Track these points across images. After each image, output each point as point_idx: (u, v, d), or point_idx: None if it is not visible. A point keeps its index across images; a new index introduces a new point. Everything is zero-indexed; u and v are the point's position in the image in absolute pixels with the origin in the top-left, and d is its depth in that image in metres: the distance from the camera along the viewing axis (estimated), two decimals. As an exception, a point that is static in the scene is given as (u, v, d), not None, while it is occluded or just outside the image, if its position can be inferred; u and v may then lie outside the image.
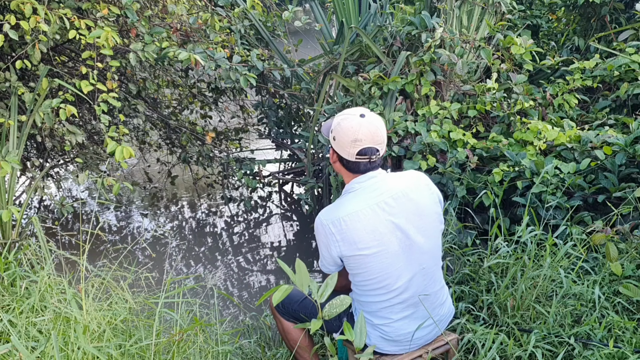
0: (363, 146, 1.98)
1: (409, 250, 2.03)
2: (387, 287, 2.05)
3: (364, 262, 2.01)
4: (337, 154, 2.07)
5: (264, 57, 4.60)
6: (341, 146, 2.02)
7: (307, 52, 6.20)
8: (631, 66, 3.87)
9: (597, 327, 2.25)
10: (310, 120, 5.08)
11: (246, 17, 4.91)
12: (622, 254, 2.58)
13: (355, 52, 4.75)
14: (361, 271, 2.04)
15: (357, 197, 2.02)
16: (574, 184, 2.99)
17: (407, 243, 2.02)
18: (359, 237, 1.97)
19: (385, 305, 2.08)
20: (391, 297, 2.06)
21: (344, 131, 2.00)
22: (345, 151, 2.01)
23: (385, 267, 2.01)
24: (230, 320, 3.38)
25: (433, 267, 2.12)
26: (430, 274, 2.11)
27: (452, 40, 4.03)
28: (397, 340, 2.13)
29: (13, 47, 3.83)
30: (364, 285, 2.08)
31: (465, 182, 3.36)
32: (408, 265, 2.04)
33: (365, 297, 2.11)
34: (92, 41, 3.32)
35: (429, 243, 2.07)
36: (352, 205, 2.01)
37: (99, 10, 3.53)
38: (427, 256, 2.08)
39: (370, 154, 2.00)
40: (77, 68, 4.14)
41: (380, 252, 1.99)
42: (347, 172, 2.08)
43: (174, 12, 4.05)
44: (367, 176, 2.05)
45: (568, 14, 5.53)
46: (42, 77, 3.42)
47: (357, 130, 1.98)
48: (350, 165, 2.04)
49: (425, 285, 2.10)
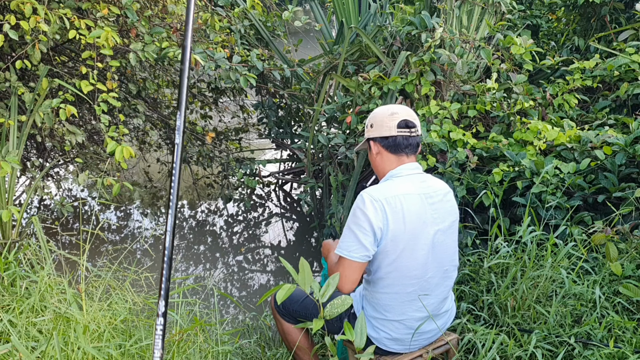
0: (401, 118, 2.07)
1: (440, 245, 2.06)
2: (410, 278, 2.03)
3: (400, 247, 1.99)
4: (377, 143, 2.11)
5: (263, 57, 4.60)
6: (380, 125, 2.09)
7: (307, 52, 6.20)
8: (631, 66, 3.87)
9: (597, 327, 2.25)
10: (310, 120, 5.08)
11: (246, 17, 4.92)
12: (622, 254, 2.58)
13: (355, 52, 4.75)
14: (393, 257, 2.00)
15: (407, 182, 2.05)
16: (574, 184, 2.99)
17: (440, 239, 2.06)
18: (409, 218, 1.98)
19: (404, 300, 2.06)
20: (410, 291, 2.05)
21: (380, 111, 2.12)
22: (386, 127, 2.08)
23: (416, 258, 2.01)
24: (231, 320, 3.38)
25: (451, 271, 2.15)
26: (447, 277, 2.13)
27: (452, 40, 4.03)
28: (401, 339, 2.12)
29: (13, 47, 3.83)
30: (388, 274, 2.03)
31: (465, 182, 3.36)
32: (434, 261, 2.06)
33: (384, 289, 2.06)
34: (92, 41, 3.32)
35: (453, 246, 2.13)
36: (405, 187, 2.03)
37: (99, 10, 3.53)
38: (449, 258, 2.12)
39: (410, 127, 2.08)
40: (77, 68, 4.14)
41: (418, 239, 2.00)
42: (391, 156, 2.10)
43: (174, 12, 4.05)
44: (412, 166, 2.10)
45: (568, 13, 5.53)
46: (42, 77, 3.42)
47: (392, 107, 2.12)
48: (392, 142, 2.08)
49: (442, 287, 2.12)
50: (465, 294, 2.76)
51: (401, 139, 2.08)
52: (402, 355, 2.16)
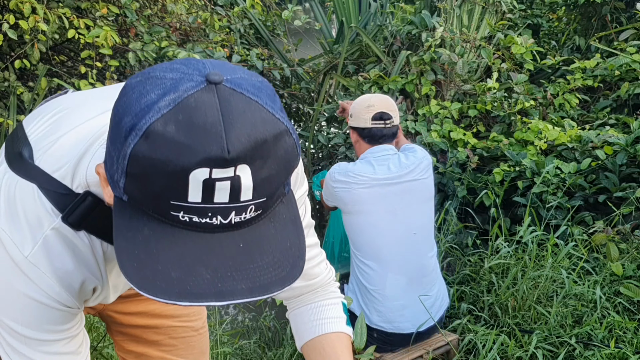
0: (376, 110, 2.20)
1: (401, 213, 2.21)
2: (378, 247, 2.19)
3: (358, 218, 2.19)
4: (355, 132, 2.27)
5: (263, 56, 4.58)
6: (357, 117, 2.24)
7: (307, 51, 6.19)
8: (632, 66, 3.86)
9: (598, 327, 2.24)
10: (310, 119, 5.07)
11: (246, 17, 4.90)
12: (623, 254, 2.58)
13: (355, 51, 4.74)
14: (355, 225, 2.22)
15: (368, 165, 2.22)
16: (575, 183, 2.98)
17: (400, 207, 2.21)
18: (361, 197, 2.17)
19: (380, 272, 2.19)
20: (384, 259, 2.19)
21: (359, 102, 2.27)
22: (362, 119, 2.22)
23: (374, 226, 2.19)
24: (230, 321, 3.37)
25: (424, 235, 2.27)
26: (420, 241, 2.24)
27: (453, 39, 4.02)
28: (390, 316, 2.18)
29: (12, 47, 3.82)
30: (361, 243, 2.22)
31: (465, 182, 3.35)
32: (396, 228, 2.20)
33: (363, 260, 2.22)
34: (91, 40, 3.31)
35: (419, 214, 2.27)
36: (363, 167, 2.21)
37: (98, 10, 3.52)
38: (418, 223, 2.25)
39: (385, 119, 2.20)
40: (76, 67, 4.13)
41: (375, 211, 2.18)
42: (365, 144, 2.25)
43: (173, 12, 4.04)
44: (380, 148, 2.23)
45: (569, 13, 5.52)
46: (41, 77, 3.41)
47: (369, 98, 2.26)
48: (367, 133, 2.23)
49: (417, 252, 2.23)
50: (465, 295, 2.75)
51: (376, 131, 2.21)
52: (402, 355, 2.16)
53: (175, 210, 0.62)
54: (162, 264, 0.63)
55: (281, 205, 0.70)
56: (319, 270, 1.07)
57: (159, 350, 1.27)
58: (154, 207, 0.63)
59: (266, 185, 0.64)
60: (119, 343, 1.29)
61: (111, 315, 1.24)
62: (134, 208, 0.65)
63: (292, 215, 0.71)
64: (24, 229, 0.80)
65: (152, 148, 0.59)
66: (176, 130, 0.59)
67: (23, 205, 0.81)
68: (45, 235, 0.80)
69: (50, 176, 0.81)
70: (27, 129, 0.90)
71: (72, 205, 0.80)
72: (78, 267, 0.84)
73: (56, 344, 0.86)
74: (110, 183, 0.67)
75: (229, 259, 0.64)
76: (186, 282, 0.62)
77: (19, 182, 0.82)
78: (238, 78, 0.64)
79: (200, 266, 0.63)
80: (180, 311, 1.28)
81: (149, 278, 0.62)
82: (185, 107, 0.60)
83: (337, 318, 1.07)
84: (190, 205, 0.61)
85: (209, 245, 0.63)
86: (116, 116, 0.65)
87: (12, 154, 0.86)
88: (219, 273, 0.63)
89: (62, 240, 0.82)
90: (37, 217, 0.80)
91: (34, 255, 0.80)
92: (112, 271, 0.91)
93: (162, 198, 0.62)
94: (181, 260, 0.63)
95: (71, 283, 0.84)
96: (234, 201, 0.62)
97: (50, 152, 0.84)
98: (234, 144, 0.59)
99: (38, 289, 0.81)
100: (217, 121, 0.60)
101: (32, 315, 0.82)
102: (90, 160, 0.81)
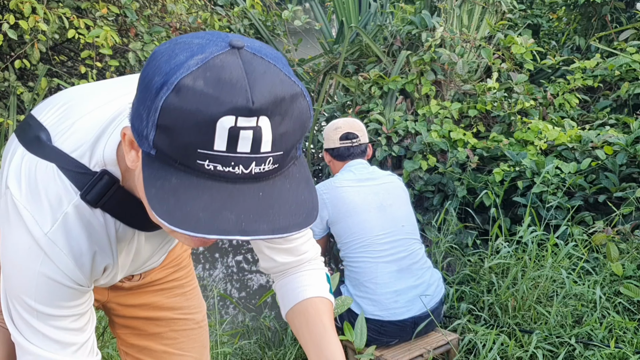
0: (343, 131, 2.43)
1: (385, 210, 2.36)
2: (369, 240, 2.30)
3: (348, 221, 2.33)
4: (327, 153, 2.49)
5: (263, 56, 4.58)
6: (327, 138, 2.48)
7: (307, 51, 6.19)
8: (632, 66, 3.86)
9: (598, 327, 2.25)
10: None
11: (246, 17, 4.91)
12: (623, 254, 2.58)
13: (355, 51, 4.74)
14: (345, 229, 2.35)
15: (348, 172, 2.43)
16: (575, 183, 2.98)
17: (388, 203, 2.37)
18: (350, 196, 2.35)
19: (371, 262, 2.29)
20: (375, 250, 2.30)
21: (328, 127, 2.51)
22: (331, 140, 2.45)
23: (365, 221, 2.32)
24: (230, 321, 3.37)
25: (410, 227, 2.40)
26: (409, 232, 2.37)
27: (453, 39, 4.02)
28: (384, 303, 2.24)
29: (12, 47, 3.83)
30: (350, 243, 2.34)
31: (465, 182, 3.35)
32: (385, 222, 2.33)
33: (354, 256, 2.34)
34: (91, 40, 3.31)
35: (404, 208, 2.43)
36: (344, 174, 2.43)
37: (98, 10, 3.53)
38: (404, 216, 2.40)
39: (351, 138, 2.43)
40: (76, 67, 4.13)
41: (367, 210, 2.34)
42: (338, 162, 2.47)
43: (173, 12, 4.04)
44: (355, 162, 2.44)
45: (569, 13, 5.52)
46: (41, 77, 3.41)
47: (337, 122, 2.51)
48: (337, 152, 2.45)
49: (406, 243, 2.34)
50: (465, 295, 2.75)
51: (344, 149, 2.44)
52: (402, 355, 2.16)
53: (201, 159, 0.68)
54: (191, 207, 0.69)
55: (294, 166, 0.76)
56: (307, 246, 1.14)
57: (161, 344, 1.30)
58: (181, 156, 0.69)
59: (284, 140, 0.70)
60: (121, 337, 1.32)
61: (114, 307, 1.27)
62: (162, 161, 0.70)
63: (305, 176, 0.78)
64: (45, 207, 0.86)
65: (182, 100, 0.65)
66: (205, 84, 0.65)
67: (44, 185, 0.86)
68: (65, 213, 0.86)
69: (69, 156, 0.87)
70: (39, 117, 0.95)
71: (90, 183, 0.87)
72: (92, 246, 0.90)
73: (65, 319, 0.91)
74: (138, 140, 0.72)
75: (250, 205, 0.70)
76: (213, 221, 0.69)
77: (39, 163, 0.87)
78: (258, 46, 0.71)
79: (225, 210, 0.69)
80: (181, 304, 1.32)
81: (179, 219, 0.68)
82: (212, 65, 0.66)
83: (320, 285, 1.13)
84: (216, 153, 0.67)
85: (231, 194, 0.70)
86: (145, 79, 0.70)
87: (28, 138, 0.91)
88: (242, 215, 0.70)
89: (80, 219, 0.88)
90: (57, 195, 0.86)
91: (54, 232, 0.85)
92: (122, 251, 0.98)
93: (190, 147, 0.67)
94: (207, 206, 0.69)
95: (84, 262, 0.90)
96: (255, 151, 0.68)
97: (68, 134, 0.90)
98: (257, 96, 0.66)
99: (54, 266, 0.86)
100: (241, 77, 0.66)
101: (46, 291, 0.88)
102: (107, 141, 0.87)
